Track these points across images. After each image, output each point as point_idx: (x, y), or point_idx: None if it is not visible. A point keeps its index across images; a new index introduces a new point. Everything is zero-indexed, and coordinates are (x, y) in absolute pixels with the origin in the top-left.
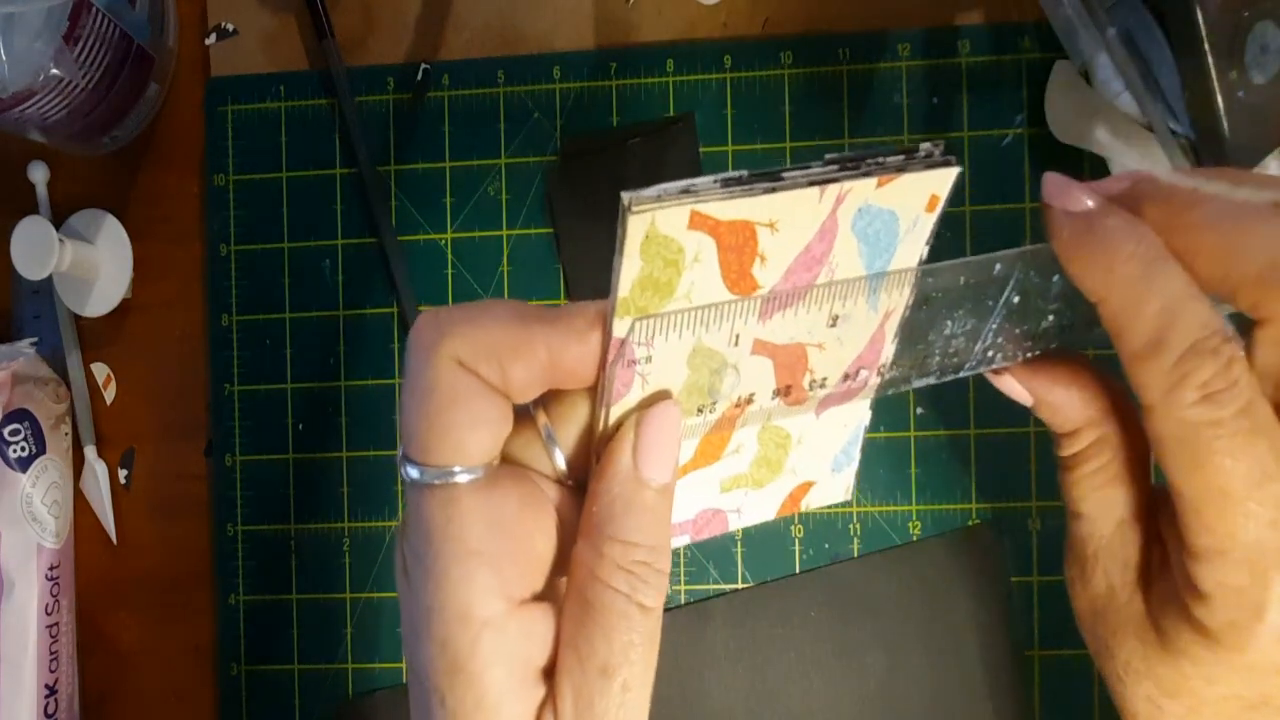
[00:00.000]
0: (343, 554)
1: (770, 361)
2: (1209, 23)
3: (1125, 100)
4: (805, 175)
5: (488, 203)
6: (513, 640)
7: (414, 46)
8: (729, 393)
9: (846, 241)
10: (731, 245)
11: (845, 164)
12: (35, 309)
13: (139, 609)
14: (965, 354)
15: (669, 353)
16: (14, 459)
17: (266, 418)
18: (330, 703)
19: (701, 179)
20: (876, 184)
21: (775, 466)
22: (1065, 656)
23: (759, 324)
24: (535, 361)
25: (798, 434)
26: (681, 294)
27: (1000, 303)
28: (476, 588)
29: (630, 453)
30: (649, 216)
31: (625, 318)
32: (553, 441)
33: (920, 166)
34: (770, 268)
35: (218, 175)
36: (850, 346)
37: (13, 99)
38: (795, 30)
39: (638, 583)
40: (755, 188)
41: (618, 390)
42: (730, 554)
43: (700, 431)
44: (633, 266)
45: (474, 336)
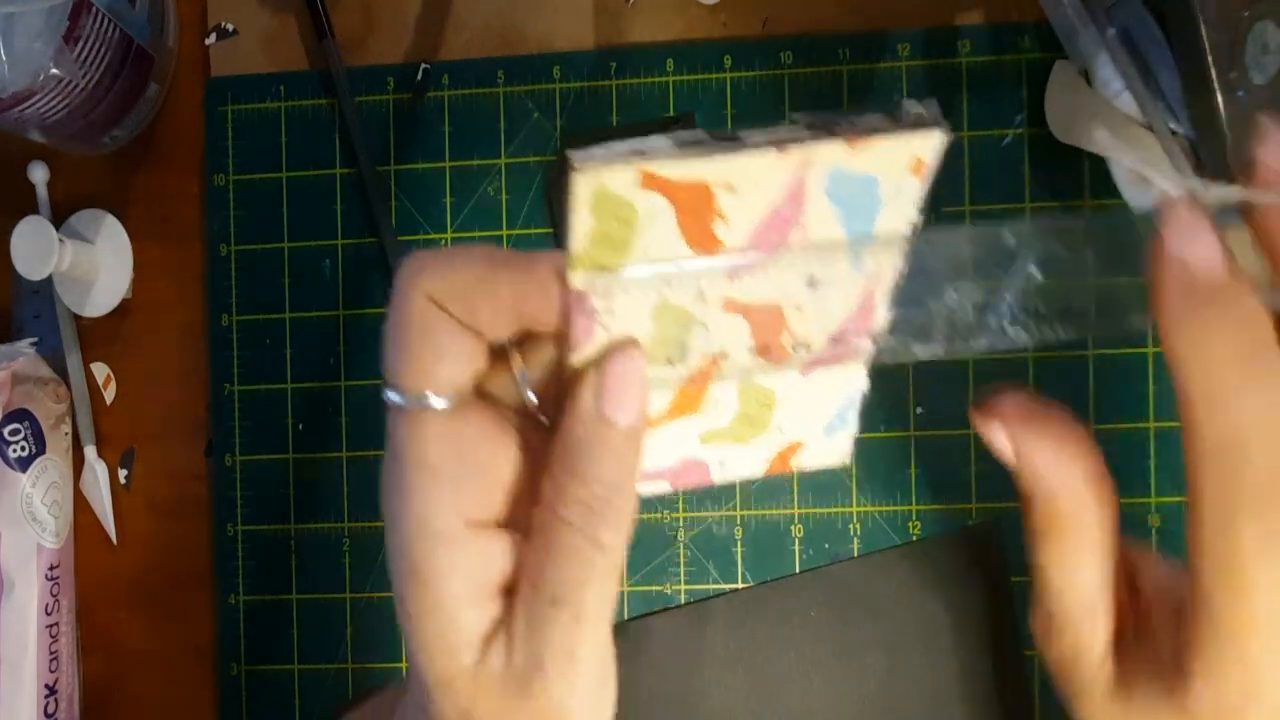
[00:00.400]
0: (343, 554)
1: (744, 319)
2: (1209, 23)
3: (1125, 100)
4: (768, 137)
5: (488, 203)
6: (469, 557)
7: (414, 46)
8: (699, 347)
9: (819, 205)
10: (688, 206)
11: (815, 125)
12: (35, 309)
13: (139, 609)
14: (977, 327)
15: (631, 306)
16: (14, 459)
17: (266, 418)
18: (330, 702)
19: (657, 138)
20: (847, 147)
21: (759, 424)
22: None
23: (727, 282)
24: (501, 303)
25: (782, 393)
26: (639, 250)
27: (1013, 272)
28: (435, 503)
29: (592, 392)
30: (596, 176)
31: (580, 271)
32: (524, 380)
33: (901, 128)
34: (735, 228)
35: (218, 175)
36: (834, 309)
37: (13, 99)
38: (795, 30)
39: (593, 517)
40: (711, 148)
41: (579, 338)
42: (730, 554)
43: (673, 383)
44: (583, 223)
45: (446, 275)
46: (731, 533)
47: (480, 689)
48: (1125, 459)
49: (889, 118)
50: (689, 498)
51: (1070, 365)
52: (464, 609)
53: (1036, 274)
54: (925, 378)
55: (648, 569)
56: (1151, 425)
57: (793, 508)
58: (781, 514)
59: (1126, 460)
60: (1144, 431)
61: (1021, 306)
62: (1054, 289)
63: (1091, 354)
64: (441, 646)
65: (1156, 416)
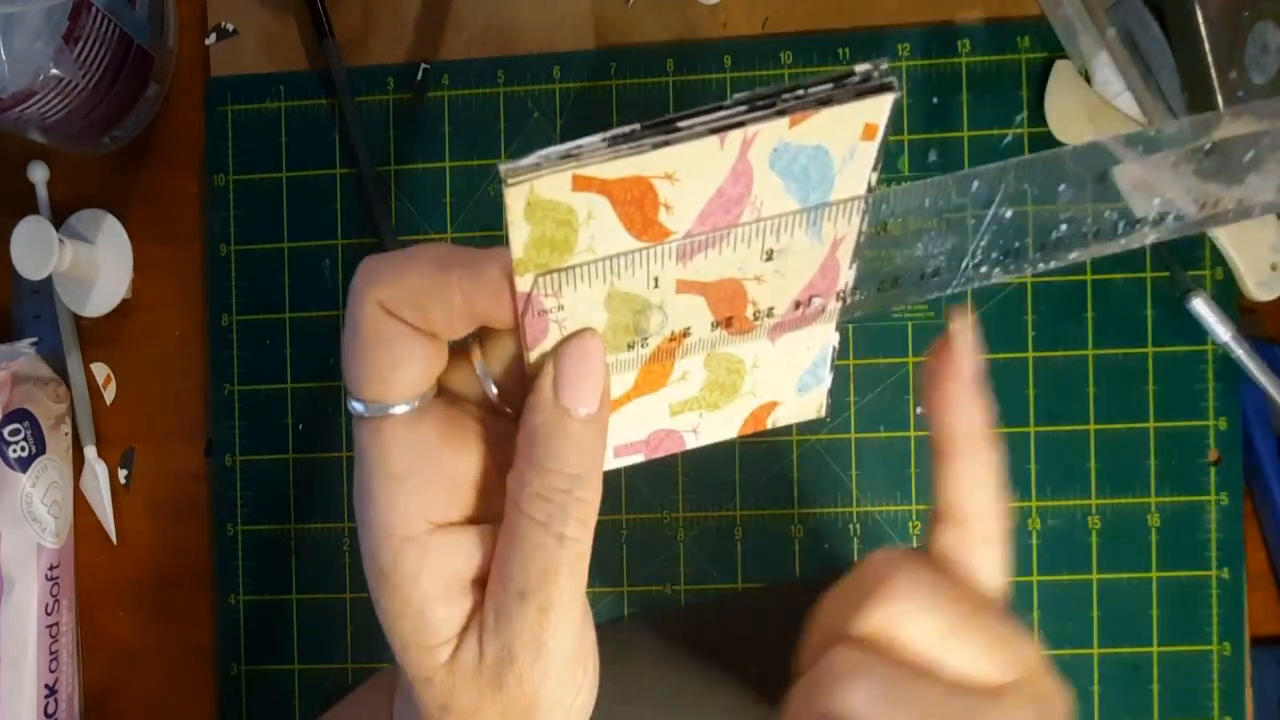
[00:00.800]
0: (343, 554)
1: (701, 299)
2: (1209, 23)
3: (1125, 100)
4: (705, 123)
5: (488, 203)
6: (435, 556)
7: (414, 46)
8: (658, 329)
9: (767, 180)
10: (627, 200)
11: (755, 103)
12: (35, 309)
13: (139, 609)
14: (950, 272)
15: (581, 300)
16: (14, 459)
17: (266, 418)
18: (331, 701)
19: (589, 138)
20: (789, 124)
21: (730, 390)
22: (1065, 656)
23: (678, 266)
24: (452, 305)
25: (751, 359)
26: (583, 247)
27: (987, 220)
28: (399, 508)
29: (550, 382)
30: (525, 187)
31: (525, 274)
32: (486, 375)
33: (848, 97)
34: (679, 214)
35: (218, 175)
36: (795, 276)
37: (13, 99)
38: (795, 30)
39: (555, 511)
40: (644, 143)
41: (533, 336)
42: (730, 554)
43: (635, 365)
44: (521, 231)
45: (396, 283)
46: (731, 533)
47: (456, 682)
48: (1125, 458)
49: (836, 84)
50: (689, 498)
51: (1071, 365)
52: (435, 608)
53: (1007, 213)
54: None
55: (648, 569)
56: (1151, 425)
57: (793, 508)
58: (781, 514)
59: (1126, 459)
60: (1144, 431)
61: (994, 246)
62: (1025, 224)
63: (1091, 354)
64: (417, 645)
65: (1156, 416)
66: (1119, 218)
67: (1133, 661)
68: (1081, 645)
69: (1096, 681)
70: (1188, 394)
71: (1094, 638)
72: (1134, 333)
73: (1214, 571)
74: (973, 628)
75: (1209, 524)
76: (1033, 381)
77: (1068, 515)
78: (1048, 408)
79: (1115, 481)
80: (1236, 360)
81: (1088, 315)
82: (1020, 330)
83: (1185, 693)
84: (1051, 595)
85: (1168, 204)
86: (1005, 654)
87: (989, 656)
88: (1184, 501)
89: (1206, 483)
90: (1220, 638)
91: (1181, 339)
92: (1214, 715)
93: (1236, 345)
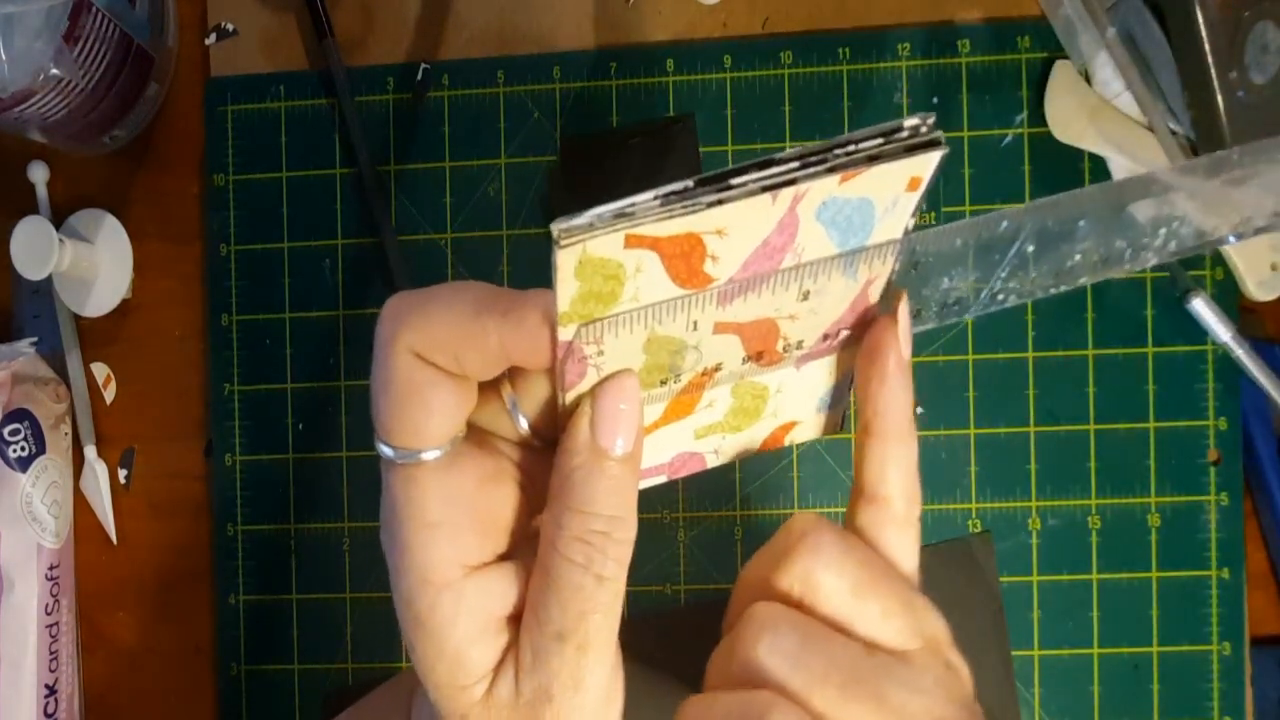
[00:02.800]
0: (343, 554)
1: (736, 337)
2: (1209, 23)
3: (1125, 100)
4: (758, 180)
5: (488, 203)
6: (470, 600)
7: (414, 46)
8: (692, 367)
9: (811, 230)
10: (677, 254)
11: (807, 159)
12: (35, 309)
13: (139, 609)
14: (968, 301)
15: (621, 345)
16: (14, 459)
17: (266, 418)
18: (331, 700)
19: (642, 197)
20: (839, 180)
21: (754, 414)
22: (1065, 656)
23: (717, 309)
24: (488, 351)
25: (776, 385)
26: (628, 297)
27: (1010, 254)
28: (434, 557)
29: (588, 424)
30: (578, 248)
31: (569, 325)
32: (517, 410)
33: (898, 153)
34: (724, 264)
35: (218, 175)
36: (827, 313)
37: (13, 99)
38: (795, 30)
39: (594, 554)
40: (699, 203)
41: (570, 380)
42: (730, 554)
43: (666, 398)
44: (569, 287)
45: (428, 329)
46: (731, 533)
47: (491, 718)
48: (1125, 458)
49: (885, 136)
50: (689, 498)
51: (1071, 365)
52: (471, 649)
53: (1029, 248)
54: (925, 378)
55: (648, 569)
56: (1151, 425)
57: (793, 508)
58: (782, 514)
59: (1126, 459)
60: (1144, 431)
61: (1013, 276)
62: (1044, 256)
63: (1092, 354)
64: (452, 686)
65: (1156, 416)
66: (1127, 245)
67: (1133, 661)
68: (1081, 645)
69: (1096, 681)
70: (1188, 394)
71: (1094, 638)
72: (1134, 333)
73: (1214, 571)
74: (881, 590)
75: (1209, 524)
76: (1033, 381)
77: (1068, 515)
78: (1048, 408)
79: (1115, 481)
80: (1236, 360)
81: (1088, 315)
82: (1020, 330)
83: (1185, 693)
84: (1051, 595)
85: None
86: (911, 620)
87: (896, 620)
88: (1184, 501)
89: (1206, 483)
90: (1220, 638)
91: (1181, 339)
92: (1214, 715)
93: (1236, 345)
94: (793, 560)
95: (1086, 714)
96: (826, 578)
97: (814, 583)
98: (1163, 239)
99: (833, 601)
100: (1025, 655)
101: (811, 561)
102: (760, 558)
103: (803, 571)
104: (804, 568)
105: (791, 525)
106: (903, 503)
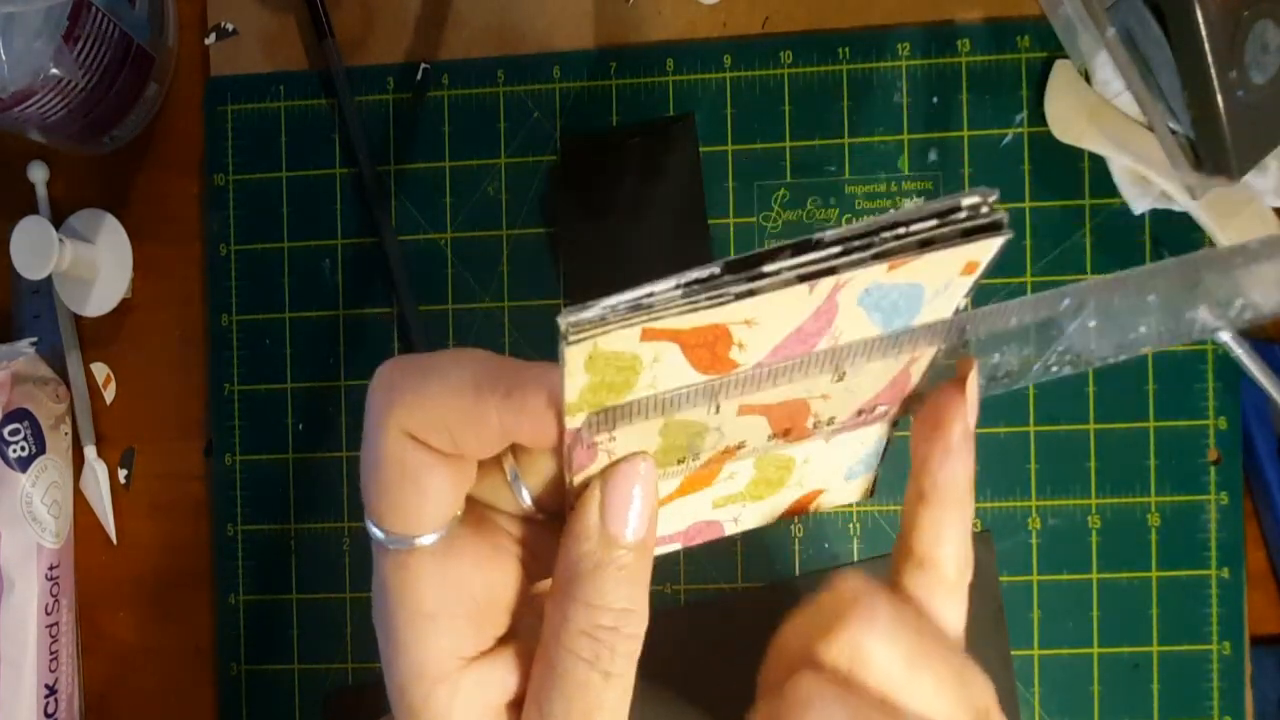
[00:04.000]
0: (343, 554)
1: (763, 418)
2: (1209, 23)
3: (1125, 100)
4: (794, 269)
5: (488, 203)
6: (467, 693)
7: (414, 46)
8: (713, 446)
9: (851, 314)
10: (699, 344)
11: (850, 243)
12: (35, 309)
13: (139, 609)
14: (1020, 374)
15: (635, 430)
16: (14, 459)
17: (266, 418)
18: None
19: (661, 284)
20: (888, 268)
21: (777, 484)
22: (1065, 656)
23: (744, 394)
24: (488, 432)
25: (803, 456)
26: (644, 385)
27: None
28: (429, 650)
29: (597, 509)
30: (589, 344)
31: (578, 415)
32: (519, 483)
33: (954, 239)
34: (752, 351)
35: (218, 175)
36: (864, 391)
37: (13, 99)
38: (795, 29)
39: (602, 650)
40: (727, 294)
41: (579, 464)
42: (730, 554)
43: (684, 474)
44: (578, 380)
45: (423, 408)
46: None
47: None
48: (1125, 458)
49: (939, 218)
50: None
51: None
52: None
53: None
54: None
55: None
56: (1151, 425)
57: None
58: None
59: (1126, 459)
60: (1144, 431)
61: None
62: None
63: None
64: None
65: (1156, 416)
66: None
67: (1133, 661)
68: (1081, 645)
69: (1096, 681)
70: (1188, 394)
71: (1094, 637)
72: None
73: (1214, 571)
74: (934, 660)
75: (1209, 524)
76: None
77: (1068, 515)
78: (1048, 408)
79: (1115, 481)
80: (1236, 360)
81: None
82: None
83: (1185, 692)
84: (1051, 595)
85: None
86: (963, 692)
87: (948, 694)
88: (1184, 501)
89: (1206, 482)
90: (1220, 637)
91: None
92: (1214, 715)
93: (1236, 345)
94: (843, 628)
95: (1086, 714)
96: (879, 649)
97: (865, 654)
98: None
99: (884, 674)
100: (1025, 655)
101: (864, 632)
102: (804, 620)
103: (853, 641)
104: (855, 638)
105: (839, 588)
106: (955, 569)
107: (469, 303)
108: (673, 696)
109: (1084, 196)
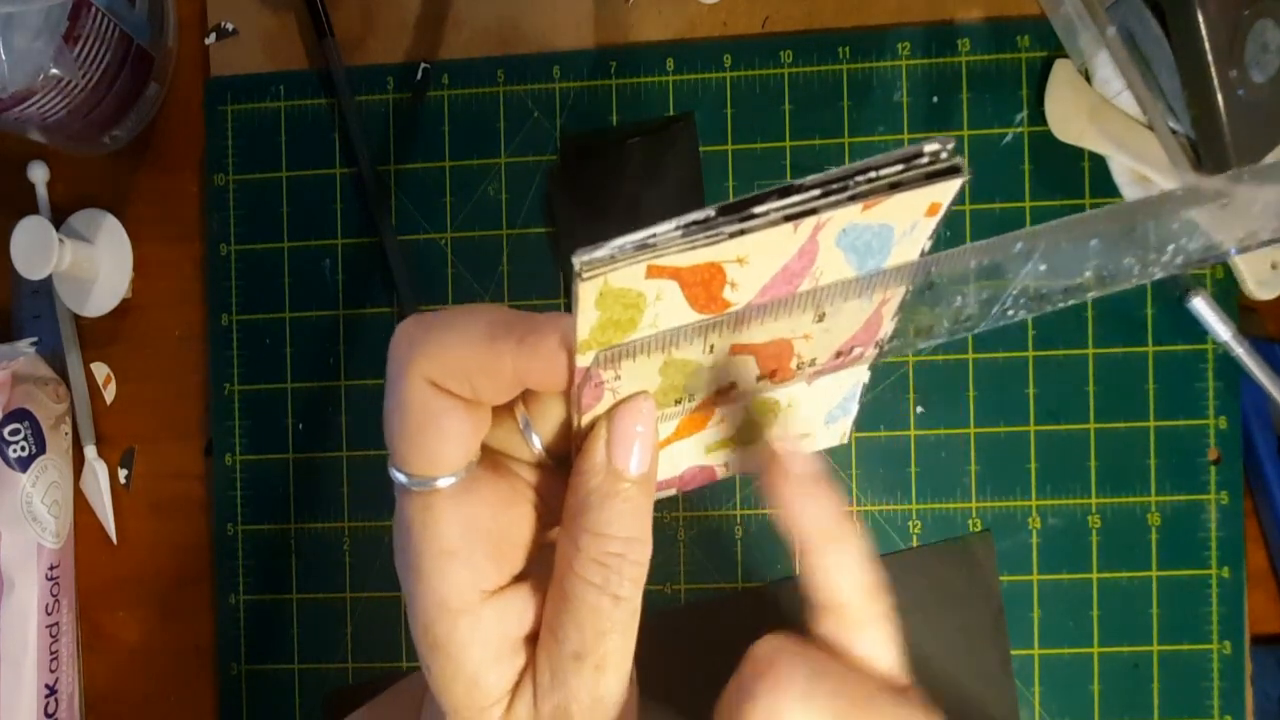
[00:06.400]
0: (343, 554)
1: (752, 358)
2: (1209, 22)
3: (1125, 100)
4: (780, 209)
5: (488, 202)
6: (487, 624)
7: (414, 46)
8: (707, 387)
9: (830, 255)
10: (697, 282)
11: (828, 186)
12: (35, 309)
13: (139, 609)
14: (979, 317)
15: (638, 369)
16: (14, 459)
17: (266, 417)
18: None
19: (663, 226)
20: (861, 209)
21: (764, 428)
22: (1065, 656)
23: (735, 332)
24: (503, 378)
25: (787, 400)
26: (646, 324)
27: (1023, 273)
28: (452, 584)
29: (604, 447)
30: (600, 280)
31: (588, 352)
32: (530, 430)
33: (919, 179)
34: (743, 290)
35: (218, 175)
36: (841, 332)
37: (13, 99)
38: (795, 29)
39: (611, 575)
40: (721, 233)
41: (587, 403)
42: (730, 554)
43: (679, 416)
44: (589, 317)
45: (443, 357)
46: (731, 533)
47: None
48: (1125, 458)
49: (905, 163)
50: (689, 498)
51: (1070, 364)
52: (488, 672)
53: (1042, 266)
54: (925, 378)
55: (648, 568)
56: (1151, 424)
57: None
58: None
59: (1127, 459)
60: (1144, 430)
61: (1024, 293)
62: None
63: (1092, 353)
64: (470, 708)
65: (1157, 416)
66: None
67: (1133, 660)
68: (1081, 644)
69: (1096, 680)
70: (1188, 393)
71: (1094, 637)
72: (1134, 332)
73: (1214, 570)
74: (857, 710)
75: (1209, 523)
76: (1033, 381)
77: (1068, 514)
78: (1048, 407)
79: (1115, 481)
80: (1236, 359)
81: (1088, 314)
82: (1020, 329)
83: (1185, 692)
84: (1051, 594)
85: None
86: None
87: None
88: (1184, 500)
89: (1206, 482)
90: (1220, 637)
91: (1181, 338)
92: (1214, 714)
93: (1236, 344)
94: (760, 696)
95: (1086, 713)
96: (797, 712)
97: None
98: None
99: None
100: (1025, 654)
101: (780, 698)
102: (728, 693)
103: (772, 709)
104: (773, 705)
105: (756, 655)
106: (859, 603)
107: (469, 302)
108: (673, 696)
109: (1084, 196)
